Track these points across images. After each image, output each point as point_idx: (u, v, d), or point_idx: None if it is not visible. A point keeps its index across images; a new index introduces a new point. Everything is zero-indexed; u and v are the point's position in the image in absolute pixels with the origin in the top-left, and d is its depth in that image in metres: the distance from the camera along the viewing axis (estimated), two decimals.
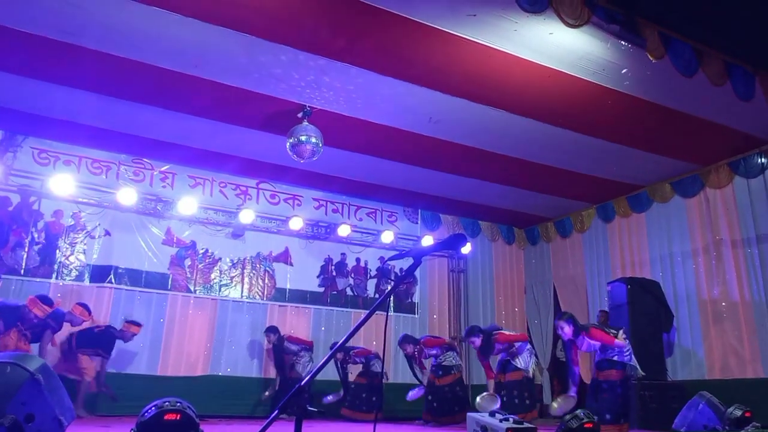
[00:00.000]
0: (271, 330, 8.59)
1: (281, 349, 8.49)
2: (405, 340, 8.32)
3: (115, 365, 7.75)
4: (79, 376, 7.18)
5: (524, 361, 7.37)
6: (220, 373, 8.60)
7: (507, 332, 7.71)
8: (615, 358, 6.47)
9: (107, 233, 8.32)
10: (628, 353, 6.47)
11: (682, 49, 5.76)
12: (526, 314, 10.90)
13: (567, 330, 6.40)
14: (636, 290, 7.56)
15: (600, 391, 6.50)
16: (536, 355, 10.14)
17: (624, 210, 9.44)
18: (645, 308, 7.55)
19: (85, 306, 7.28)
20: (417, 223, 10.45)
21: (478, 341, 7.41)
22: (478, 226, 10.89)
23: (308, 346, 8.63)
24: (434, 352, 8.12)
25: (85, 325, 7.36)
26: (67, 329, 7.24)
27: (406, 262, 1.99)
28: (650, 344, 7.35)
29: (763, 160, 7.65)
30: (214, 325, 8.78)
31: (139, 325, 7.65)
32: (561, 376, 9.87)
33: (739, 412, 5.60)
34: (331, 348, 8.79)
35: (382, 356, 9.00)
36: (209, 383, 8.41)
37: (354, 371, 8.80)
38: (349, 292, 9.90)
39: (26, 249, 7.75)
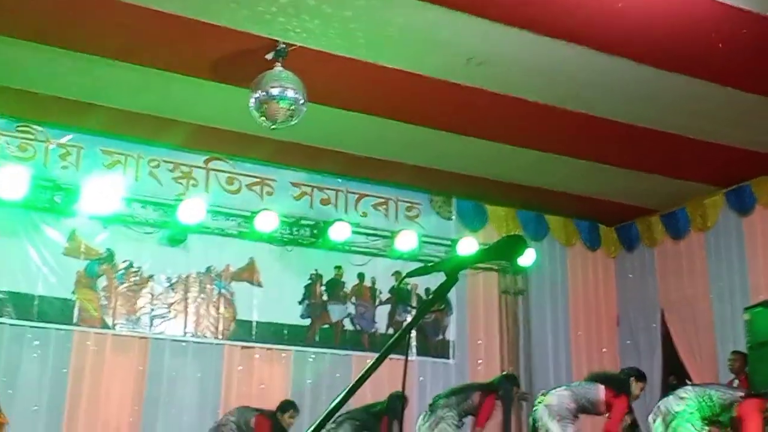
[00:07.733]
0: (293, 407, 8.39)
1: None
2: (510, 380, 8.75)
3: None
4: None
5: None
6: None
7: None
8: None
9: None
10: None
11: None
12: (619, 357, 10.83)
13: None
14: None
15: None
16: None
17: None
18: None
19: None
20: (451, 219, 10.49)
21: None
22: (545, 222, 10.94)
23: None
24: None
25: None
26: None
27: (435, 280, 1.87)
28: None
29: None
30: (144, 376, 8.80)
31: None
32: None
33: None
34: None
35: (400, 419, 8.99)
36: None
37: None
38: (348, 325, 9.92)
39: None
